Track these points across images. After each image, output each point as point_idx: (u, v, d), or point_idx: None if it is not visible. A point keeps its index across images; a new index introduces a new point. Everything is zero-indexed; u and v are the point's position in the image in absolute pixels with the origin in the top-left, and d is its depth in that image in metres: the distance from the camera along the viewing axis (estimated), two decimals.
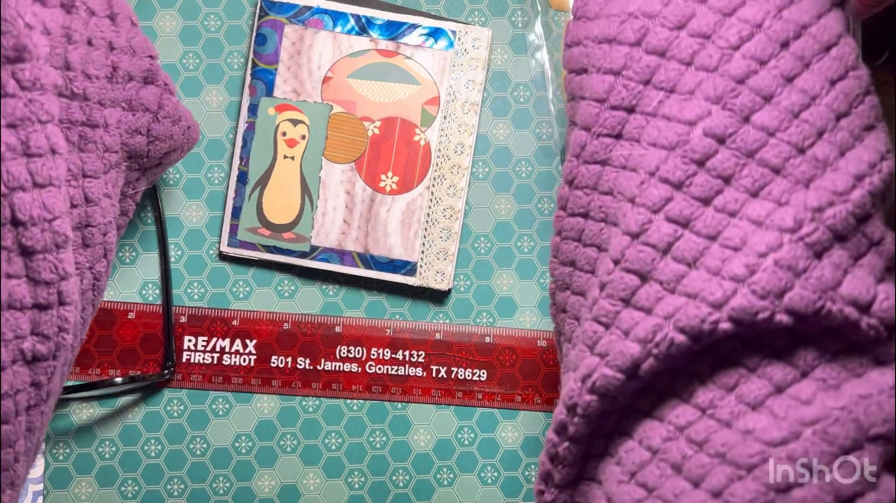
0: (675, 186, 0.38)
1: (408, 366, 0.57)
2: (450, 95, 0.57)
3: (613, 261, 0.39)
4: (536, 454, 0.57)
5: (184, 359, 0.57)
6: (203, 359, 0.57)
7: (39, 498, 0.56)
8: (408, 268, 0.57)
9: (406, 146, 0.57)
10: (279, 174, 0.57)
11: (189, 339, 0.57)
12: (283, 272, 0.58)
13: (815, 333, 0.37)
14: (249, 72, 0.57)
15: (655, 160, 0.39)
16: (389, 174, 0.57)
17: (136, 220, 0.57)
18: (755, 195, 0.37)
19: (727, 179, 0.38)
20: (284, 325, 0.57)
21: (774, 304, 0.36)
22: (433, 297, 0.58)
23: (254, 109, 0.57)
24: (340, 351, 0.57)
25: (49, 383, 0.42)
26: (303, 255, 0.57)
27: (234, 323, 0.57)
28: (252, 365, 0.57)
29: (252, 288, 0.58)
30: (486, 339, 0.57)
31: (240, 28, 0.58)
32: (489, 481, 0.57)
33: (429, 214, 0.57)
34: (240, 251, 0.57)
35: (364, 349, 0.57)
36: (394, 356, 0.57)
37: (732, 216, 0.37)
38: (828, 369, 0.36)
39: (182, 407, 0.57)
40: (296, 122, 0.57)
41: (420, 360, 0.57)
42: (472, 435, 0.57)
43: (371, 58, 0.57)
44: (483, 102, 0.58)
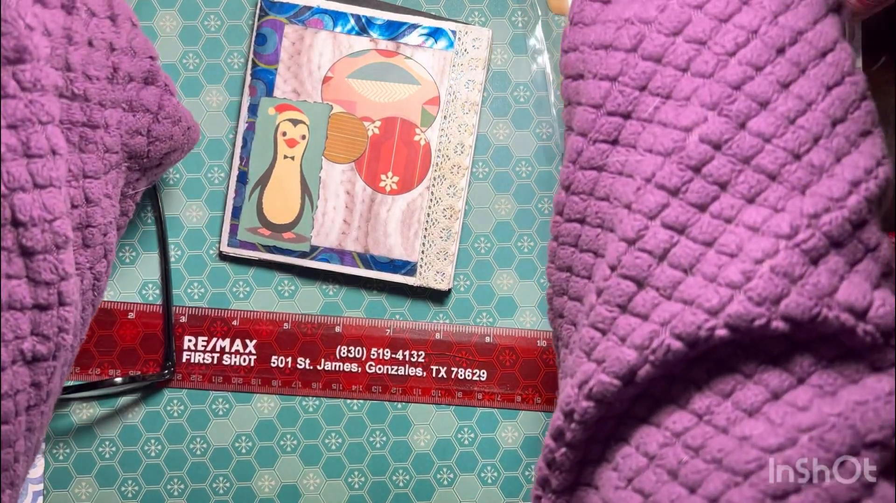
0: (672, 193, 0.38)
1: (408, 366, 0.57)
2: (450, 95, 0.57)
3: (610, 267, 0.39)
4: (536, 454, 0.57)
5: (184, 359, 0.57)
6: (203, 359, 0.57)
7: (39, 498, 0.56)
8: (408, 268, 0.57)
9: (406, 146, 0.57)
10: (279, 174, 0.57)
11: (189, 339, 0.57)
12: (283, 272, 0.58)
13: (812, 340, 0.37)
14: (249, 72, 0.57)
15: (651, 166, 0.39)
16: (389, 174, 0.57)
17: (136, 220, 0.57)
18: (751, 201, 0.37)
19: (723, 185, 0.38)
20: (284, 325, 0.57)
21: (771, 311, 0.36)
22: (433, 297, 0.58)
23: (254, 109, 0.57)
24: (340, 351, 0.57)
25: (49, 383, 0.43)
26: (303, 255, 0.57)
27: (234, 323, 0.57)
28: (252, 365, 0.57)
29: (252, 288, 0.58)
30: (486, 339, 0.57)
31: (240, 28, 0.58)
32: (489, 481, 0.57)
33: (429, 214, 0.57)
34: (240, 251, 0.57)
35: (364, 349, 0.57)
36: (394, 356, 0.57)
37: (728, 222, 0.37)
38: (824, 375, 0.36)
39: (182, 407, 0.57)
40: (296, 122, 0.57)
41: (420, 360, 0.57)
42: (472, 435, 0.57)
43: (371, 58, 0.57)
44: (483, 102, 0.58)
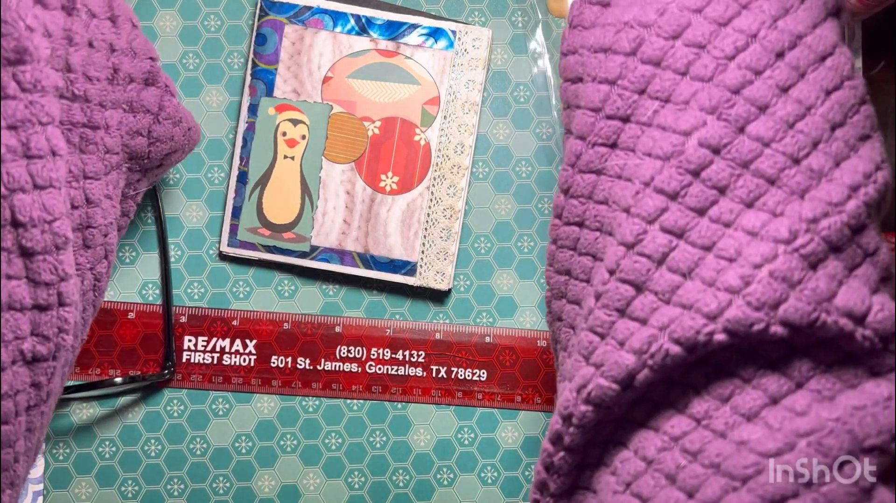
0: (670, 197, 0.38)
1: (408, 366, 0.57)
2: (450, 95, 0.57)
3: (609, 271, 0.39)
4: (536, 454, 0.57)
5: (184, 359, 0.57)
6: (203, 359, 0.57)
7: (39, 498, 0.56)
8: (408, 268, 0.57)
9: (406, 146, 0.57)
10: (279, 174, 0.57)
11: (189, 339, 0.57)
12: (283, 272, 0.58)
13: (810, 344, 0.37)
14: (249, 72, 0.57)
15: (650, 170, 0.39)
16: (389, 174, 0.57)
17: (136, 220, 0.57)
18: (750, 206, 0.37)
19: (722, 190, 0.38)
20: (284, 325, 0.57)
21: (769, 316, 0.36)
22: (433, 297, 0.58)
23: (254, 109, 0.57)
24: (340, 351, 0.57)
25: (49, 384, 0.43)
26: (303, 255, 0.57)
27: (234, 323, 0.57)
28: (252, 365, 0.57)
29: (252, 288, 0.58)
30: (486, 339, 0.57)
31: (240, 28, 0.58)
32: (489, 481, 0.57)
33: (429, 214, 0.57)
34: (240, 251, 0.57)
35: (364, 349, 0.57)
36: (394, 356, 0.57)
37: (727, 227, 0.37)
38: (822, 380, 0.36)
39: (182, 407, 0.57)
40: (296, 122, 0.57)
41: (420, 360, 0.57)
42: (472, 435, 0.57)
43: (371, 58, 0.57)
44: (483, 102, 0.58)
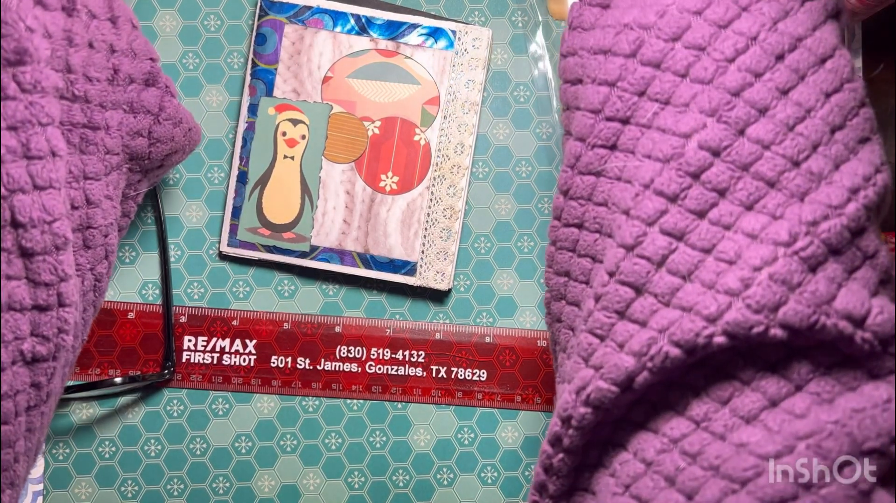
0: (670, 199, 0.38)
1: (408, 366, 0.57)
2: (450, 95, 0.57)
3: (608, 273, 0.39)
4: (536, 454, 0.57)
5: (184, 359, 0.57)
6: (203, 359, 0.57)
7: (39, 498, 0.56)
8: (408, 268, 0.57)
9: (406, 146, 0.57)
10: (279, 174, 0.57)
11: (189, 339, 0.57)
12: (283, 272, 0.58)
13: (810, 347, 0.37)
14: (249, 72, 0.57)
15: (650, 172, 0.39)
16: (389, 174, 0.57)
17: (136, 221, 0.57)
18: (750, 208, 0.37)
19: (722, 192, 0.38)
20: (284, 325, 0.57)
21: (769, 318, 0.36)
22: (433, 297, 0.58)
23: (254, 109, 0.57)
24: (340, 351, 0.57)
25: (49, 384, 0.43)
26: (303, 255, 0.57)
27: (234, 323, 0.57)
28: (252, 365, 0.57)
29: (252, 288, 0.58)
30: (486, 339, 0.57)
31: (240, 28, 0.58)
32: (489, 481, 0.57)
33: (429, 214, 0.57)
34: (240, 251, 0.57)
35: (364, 349, 0.57)
36: (394, 356, 0.57)
37: (727, 229, 0.37)
38: (822, 383, 0.36)
39: (182, 407, 0.57)
40: (296, 122, 0.57)
41: (420, 360, 0.57)
42: (472, 435, 0.57)
43: (371, 58, 0.57)
44: (483, 102, 0.58)
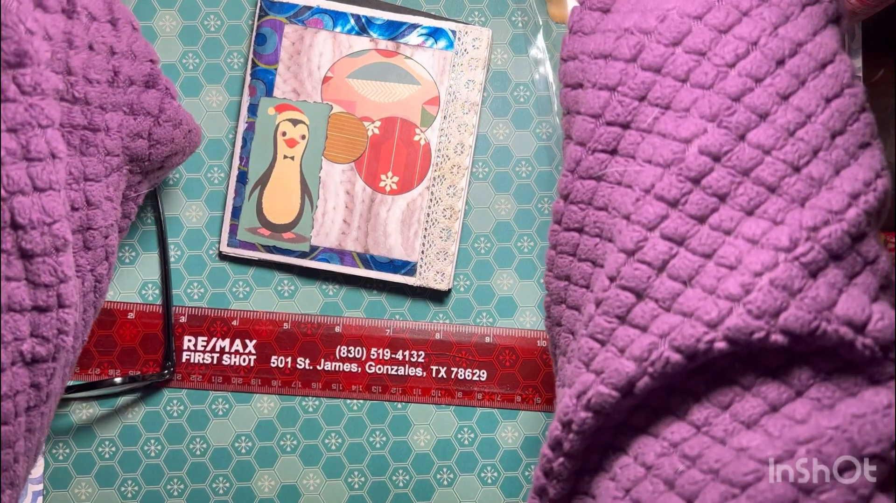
0: (671, 204, 0.38)
1: (408, 366, 0.57)
2: (450, 95, 0.56)
3: (609, 277, 0.39)
4: (536, 454, 0.57)
5: (184, 359, 0.57)
6: (203, 359, 0.57)
7: (39, 498, 0.56)
8: (408, 268, 0.57)
9: (406, 146, 0.57)
10: (279, 174, 0.57)
11: (189, 339, 0.57)
12: (283, 272, 0.58)
13: (810, 352, 0.37)
14: (249, 72, 0.57)
15: (651, 177, 0.38)
16: (389, 174, 0.57)
17: (136, 221, 0.57)
18: (750, 213, 0.37)
19: (722, 197, 0.37)
20: (284, 325, 0.57)
21: (770, 324, 0.36)
22: (433, 297, 0.58)
23: (254, 109, 0.57)
24: (340, 351, 0.57)
25: (49, 385, 0.43)
26: (303, 255, 0.57)
27: (234, 323, 0.57)
28: (252, 365, 0.57)
29: (252, 288, 0.58)
30: (486, 339, 0.57)
31: (240, 28, 0.58)
32: (489, 481, 0.57)
33: (429, 214, 0.57)
34: (240, 251, 0.57)
35: (364, 349, 0.57)
36: (394, 356, 0.57)
37: (728, 234, 0.37)
38: (822, 388, 0.36)
39: (182, 407, 0.57)
40: (296, 122, 0.57)
41: (420, 360, 0.57)
42: (472, 435, 0.57)
43: (371, 58, 0.56)
44: (483, 102, 0.58)
